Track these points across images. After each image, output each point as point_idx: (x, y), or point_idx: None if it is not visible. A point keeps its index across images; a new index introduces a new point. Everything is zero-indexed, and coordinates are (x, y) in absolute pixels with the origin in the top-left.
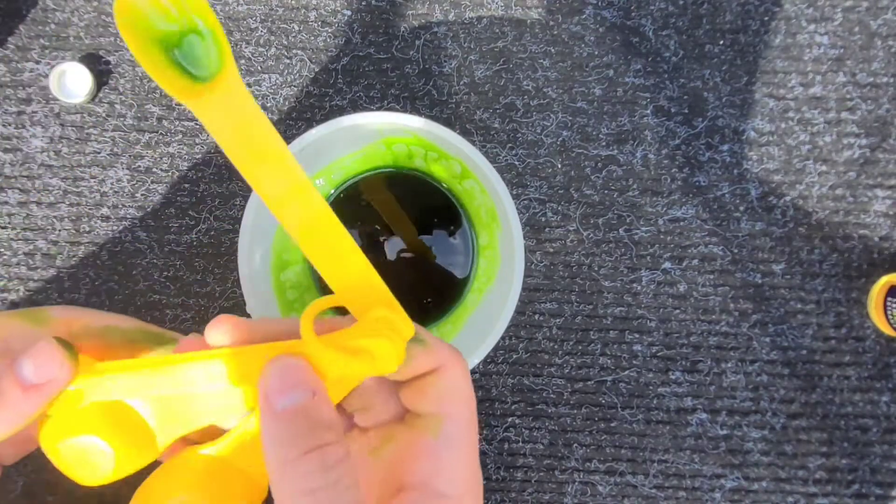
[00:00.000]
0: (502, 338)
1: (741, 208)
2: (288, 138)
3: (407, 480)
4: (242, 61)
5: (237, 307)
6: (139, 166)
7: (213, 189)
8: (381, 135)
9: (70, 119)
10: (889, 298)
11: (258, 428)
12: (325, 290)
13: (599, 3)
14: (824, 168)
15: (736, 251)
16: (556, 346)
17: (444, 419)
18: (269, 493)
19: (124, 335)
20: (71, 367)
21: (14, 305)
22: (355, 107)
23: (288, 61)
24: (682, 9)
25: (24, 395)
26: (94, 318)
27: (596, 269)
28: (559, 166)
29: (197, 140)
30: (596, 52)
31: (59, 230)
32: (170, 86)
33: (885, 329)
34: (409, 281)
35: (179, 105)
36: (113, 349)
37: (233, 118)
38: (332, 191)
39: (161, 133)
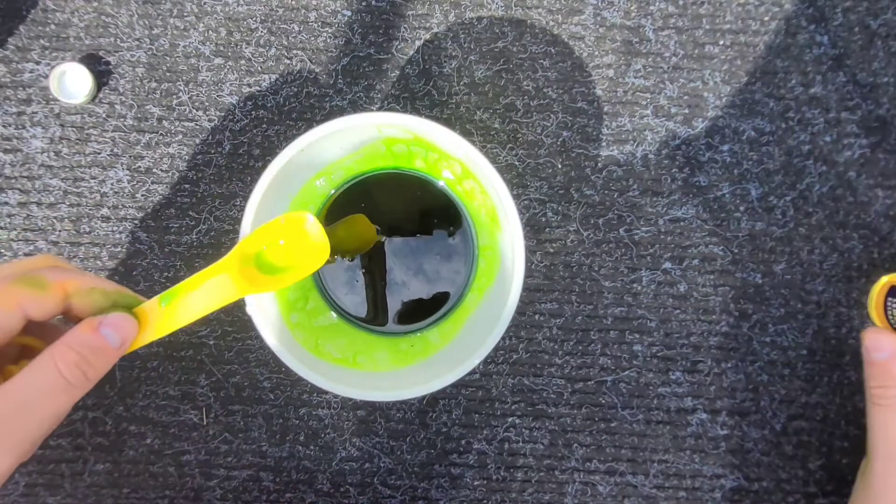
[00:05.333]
0: (502, 338)
1: (741, 208)
2: (288, 138)
3: None
4: (242, 61)
5: (237, 307)
6: (139, 167)
7: (214, 189)
8: (381, 135)
9: (70, 120)
10: (889, 298)
11: None
12: (325, 290)
13: (599, 4)
14: (824, 168)
15: (736, 251)
16: (556, 347)
17: None
18: None
19: (106, 296)
20: (137, 327)
21: None
22: (355, 107)
23: (288, 61)
24: (682, 9)
25: (117, 353)
26: (81, 280)
27: (596, 269)
28: (559, 166)
29: (197, 140)
30: (596, 52)
31: (60, 231)
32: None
33: (886, 329)
34: (410, 281)
35: (180, 105)
36: (95, 308)
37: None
38: (333, 191)
39: (161, 133)
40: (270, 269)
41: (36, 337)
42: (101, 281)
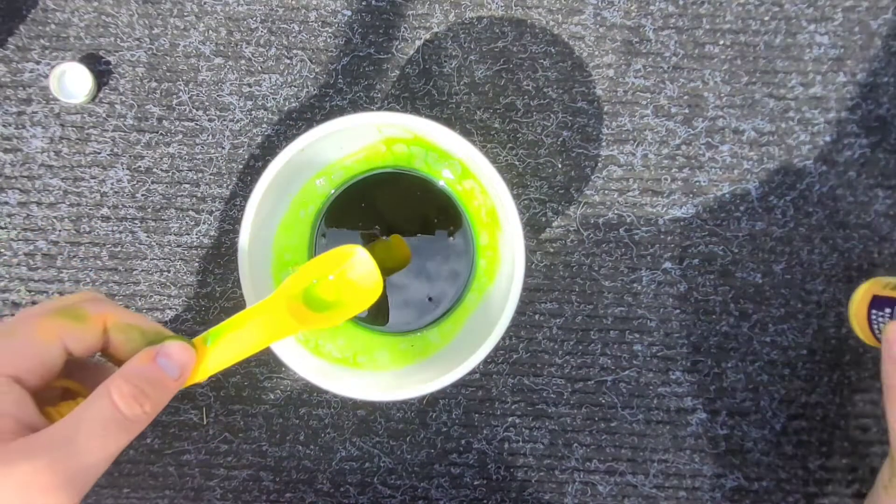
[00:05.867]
0: (502, 338)
1: (741, 208)
2: (288, 138)
3: None
4: (243, 61)
5: (237, 307)
6: (139, 166)
7: (213, 189)
8: (381, 135)
9: (70, 119)
10: (874, 311)
11: None
12: None
13: (599, 3)
14: (824, 168)
15: (736, 251)
16: (556, 346)
17: None
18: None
19: (144, 335)
20: (195, 357)
21: (15, 306)
22: (355, 107)
23: (288, 61)
24: (682, 9)
25: (176, 385)
26: (120, 315)
27: (596, 269)
28: (559, 166)
29: (197, 140)
30: (596, 52)
31: (60, 230)
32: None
33: (869, 341)
34: (410, 281)
35: (180, 105)
36: (131, 347)
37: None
38: (333, 191)
39: (161, 133)
40: (319, 304)
41: (76, 381)
42: (140, 318)
